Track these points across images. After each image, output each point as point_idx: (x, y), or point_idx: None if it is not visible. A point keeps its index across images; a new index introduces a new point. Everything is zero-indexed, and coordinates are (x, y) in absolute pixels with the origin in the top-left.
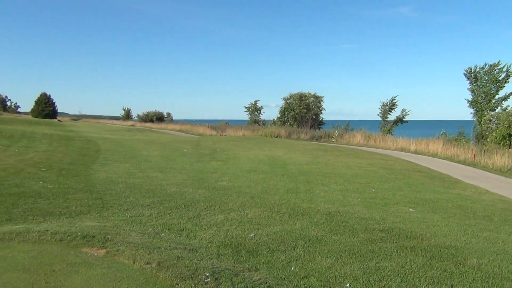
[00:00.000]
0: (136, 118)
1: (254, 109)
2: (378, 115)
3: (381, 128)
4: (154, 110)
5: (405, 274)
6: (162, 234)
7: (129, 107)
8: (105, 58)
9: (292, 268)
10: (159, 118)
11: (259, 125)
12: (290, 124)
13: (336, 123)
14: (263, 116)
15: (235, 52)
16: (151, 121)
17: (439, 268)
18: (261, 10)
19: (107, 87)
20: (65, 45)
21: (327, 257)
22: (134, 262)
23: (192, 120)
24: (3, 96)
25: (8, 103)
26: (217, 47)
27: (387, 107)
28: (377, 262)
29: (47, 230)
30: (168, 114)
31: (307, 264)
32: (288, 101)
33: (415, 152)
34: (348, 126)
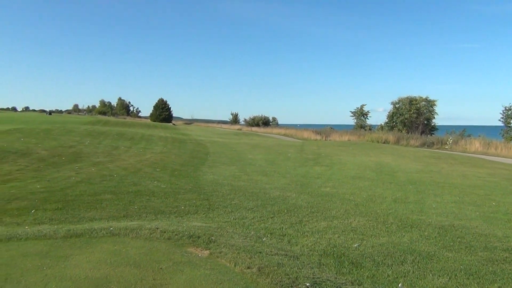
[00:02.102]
0: (243, 122)
1: (360, 113)
2: (499, 120)
3: (504, 135)
4: (260, 115)
5: None
6: (264, 239)
7: (236, 112)
8: (215, 66)
9: (400, 285)
10: (265, 122)
11: (365, 130)
12: (398, 129)
13: (450, 129)
14: (369, 121)
15: (339, 55)
16: (257, 125)
17: None
18: (360, 9)
19: (217, 93)
20: (180, 57)
21: (439, 275)
22: (235, 266)
23: (296, 125)
24: (127, 102)
25: (131, 108)
26: (321, 50)
27: (510, 112)
28: (499, 286)
29: (157, 228)
30: (274, 118)
31: (416, 281)
32: (397, 106)
33: None
34: (464, 132)
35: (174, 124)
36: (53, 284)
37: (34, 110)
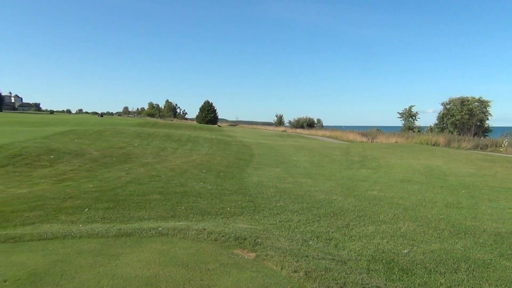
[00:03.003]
0: (287, 124)
1: (409, 115)
2: None
3: None
4: (305, 116)
5: None
6: (310, 242)
7: (281, 114)
8: (260, 67)
9: None
10: (310, 124)
11: (414, 132)
12: (449, 131)
13: (505, 130)
14: (418, 123)
15: (386, 55)
16: (302, 127)
17: None
18: (409, 8)
19: (262, 95)
20: (225, 58)
21: (496, 285)
22: (282, 269)
23: (342, 126)
24: (174, 104)
25: (178, 110)
26: (367, 51)
27: None
28: None
29: (204, 229)
30: (319, 120)
31: None
32: (448, 106)
33: None
34: None
35: (219, 126)
36: (105, 281)
37: (87, 112)
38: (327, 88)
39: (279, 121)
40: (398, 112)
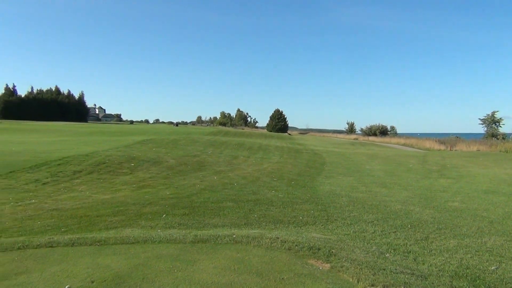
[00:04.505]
0: (359, 132)
1: (492, 121)
2: None
3: None
4: (377, 124)
5: None
6: (387, 255)
7: (352, 121)
8: (329, 75)
9: None
10: (383, 131)
11: (498, 139)
12: None
13: None
14: (502, 129)
15: (465, 58)
16: (374, 134)
17: None
18: (489, 9)
19: (333, 102)
20: (295, 67)
21: None
22: (358, 282)
23: (417, 134)
24: (245, 113)
25: (249, 119)
26: (442, 54)
27: None
28: None
29: (278, 238)
30: (392, 127)
31: None
32: None
33: None
34: None
35: (289, 134)
36: (183, 286)
37: (163, 122)
38: (401, 94)
39: (351, 129)
40: (480, 119)
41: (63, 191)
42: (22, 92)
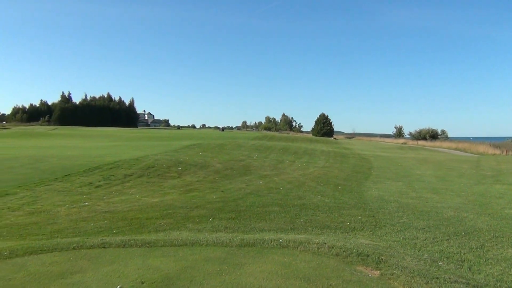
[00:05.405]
0: (408, 136)
1: None
2: None
3: None
4: (427, 128)
5: None
6: (440, 263)
7: (401, 125)
8: (376, 78)
9: None
10: (433, 135)
11: None
12: None
13: None
14: None
15: None
16: (424, 138)
17: None
18: None
19: (379, 106)
20: (340, 70)
21: None
22: None
23: (469, 138)
24: (290, 118)
25: (294, 124)
26: (491, 53)
27: None
28: None
29: (325, 243)
30: (443, 131)
31: None
32: None
33: None
34: None
35: (335, 139)
36: None
37: (209, 127)
38: (452, 96)
39: (399, 133)
40: None
41: (114, 194)
42: (76, 99)
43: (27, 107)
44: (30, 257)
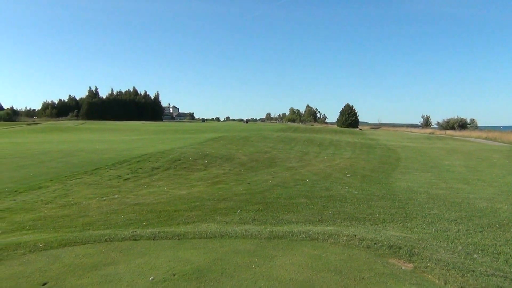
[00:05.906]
0: (435, 126)
1: None
2: None
3: None
4: (455, 117)
5: None
6: (475, 256)
7: (428, 114)
8: (402, 68)
9: None
10: (461, 125)
11: None
12: None
13: None
14: None
15: None
16: (452, 128)
17: None
18: None
19: (405, 96)
20: (365, 61)
21: None
22: (445, 284)
23: (499, 127)
24: (314, 109)
25: (318, 115)
26: None
27: None
28: None
29: (355, 235)
30: (472, 120)
31: None
32: None
33: None
34: None
35: (360, 129)
36: (262, 282)
37: (233, 119)
38: (480, 84)
39: (426, 123)
40: None
41: (143, 186)
42: (103, 93)
43: (56, 103)
44: (64, 249)
